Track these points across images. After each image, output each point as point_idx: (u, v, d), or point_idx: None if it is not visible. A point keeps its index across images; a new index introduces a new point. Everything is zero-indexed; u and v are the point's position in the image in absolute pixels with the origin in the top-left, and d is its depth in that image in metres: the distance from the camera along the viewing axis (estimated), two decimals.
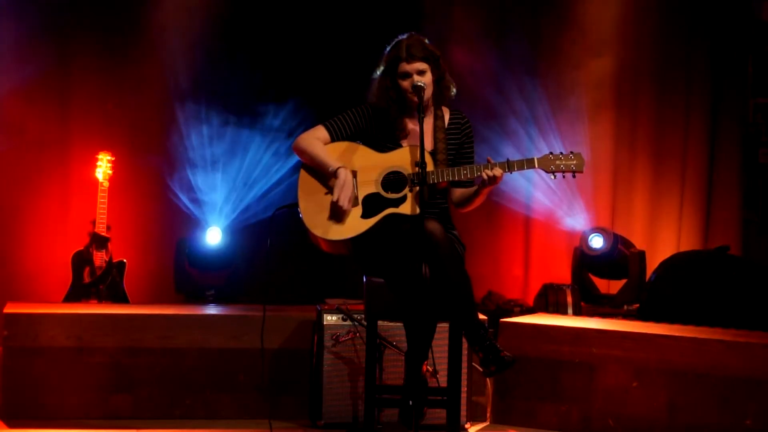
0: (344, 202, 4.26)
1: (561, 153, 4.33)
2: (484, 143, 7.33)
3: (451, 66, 4.60)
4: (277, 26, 7.53)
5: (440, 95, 4.41)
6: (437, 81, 4.38)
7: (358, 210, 4.30)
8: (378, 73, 4.42)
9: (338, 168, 4.29)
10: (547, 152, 4.34)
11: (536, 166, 4.30)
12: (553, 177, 4.33)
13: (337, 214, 4.29)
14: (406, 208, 4.26)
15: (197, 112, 7.43)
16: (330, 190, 4.32)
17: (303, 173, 4.41)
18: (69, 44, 7.22)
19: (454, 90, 4.46)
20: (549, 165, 4.30)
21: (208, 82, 7.47)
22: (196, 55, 7.43)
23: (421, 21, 7.54)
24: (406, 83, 4.32)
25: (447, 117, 4.47)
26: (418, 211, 4.19)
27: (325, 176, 4.35)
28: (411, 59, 4.32)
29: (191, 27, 7.41)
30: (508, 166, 4.27)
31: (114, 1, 7.32)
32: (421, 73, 4.32)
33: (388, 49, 4.41)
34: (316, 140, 4.38)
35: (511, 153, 7.38)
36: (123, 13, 7.31)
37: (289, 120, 7.36)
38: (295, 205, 4.37)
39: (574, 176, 4.33)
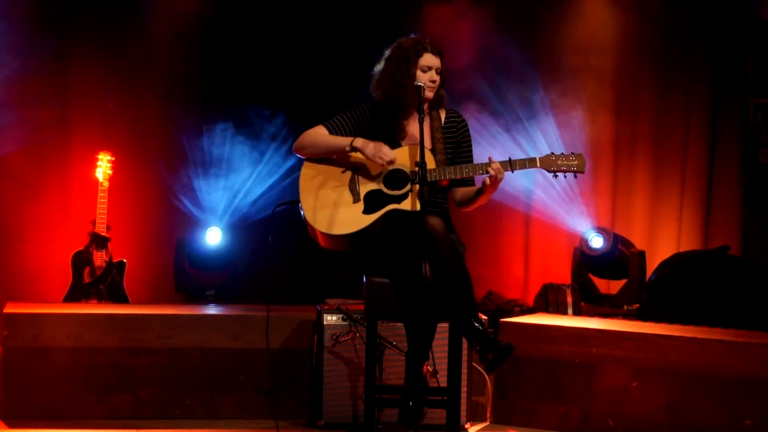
0: (386, 157, 4.23)
1: (562, 153, 4.36)
2: (483, 143, 7.34)
3: (451, 67, 4.60)
4: (280, 33, 7.55)
5: (437, 98, 4.42)
6: (441, 83, 4.40)
7: (360, 206, 4.30)
8: (387, 62, 4.39)
9: (353, 140, 4.29)
10: (549, 152, 4.37)
11: (538, 165, 4.32)
12: (554, 177, 4.35)
13: (340, 208, 4.29)
14: (407, 204, 4.26)
15: (197, 112, 7.44)
16: (335, 180, 4.32)
17: (304, 170, 4.41)
18: (69, 44, 7.23)
19: (446, 96, 4.49)
20: (550, 165, 4.33)
21: (207, 82, 7.48)
22: (195, 56, 7.45)
23: (421, 23, 7.57)
24: (425, 76, 4.33)
25: (443, 117, 4.47)
26: (419, 207, 4.19)
27: (328, 171, 4.35)
28: (435, 53, 4.35)
29: (192, 30, 7.43)
30: (510, 164, 4.29)
31: (114, 1, 7.33)
32: (437, 70, 4.35)
33: (398, 43, 4.40)
34: (320, 135, 4.39)
35: (510, 153, 7.37)
36: (124, 14, 7.33)
37: (290, 120, 7.37)
38: (296, 201, 4.38)
39: (575, 176, 4.37)
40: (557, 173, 4.33)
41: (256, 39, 7.51)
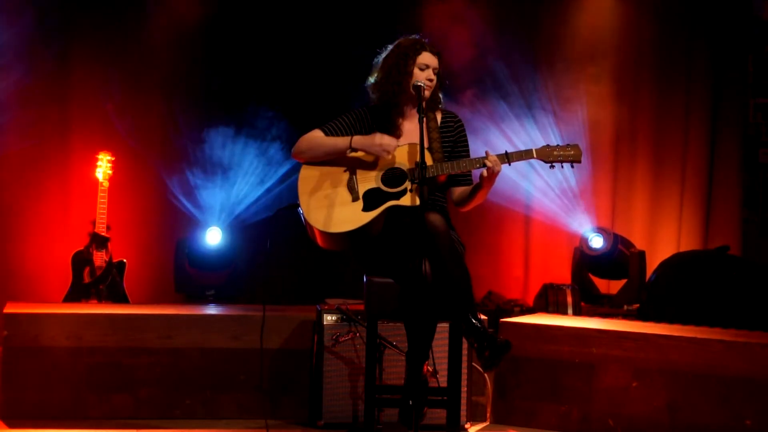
0: (389, 147, 4.25)
1: (558, 144, 4.37)
2: (482, 141, 7.34)
3: (451, 65, 4.61)
4: (279, 34, 7.56)
5: (433, 100, 4.43)
6: (438, 84, 4.41)
7: (359, 204, 4.31)
8: (385, 60, 4.40)
9: (351, 140, 4.30)
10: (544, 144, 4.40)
11: (534, 156, 4.33)
12: (551, 167, 4.37)
13: (339, 207, 4.29)
14: (406, 201, 4.27)
15: (198, 113, 7.44)
16: (333, 180, 4.32)
17: (303, 172, 4.41)
18: (69, 45, 7.24)
19: (442, 98, 4.50)
20: (547, 156, 4.35)
21: (208, 83, 7.48)
22: (195, 57, 7.46)
23: (421, 21, 7.57)
24: (422, 75, 4.34)
25: (439, 118, 4.49)
26: (418, 202, 4.19)
27: (326, 172, 4.35)
28: (433, 53, 4.37)
29: (192, 31, 7.44)
30: (507, 156, 4.30)
31: (114, 2, 7.33)
32: (434, 70, 4.35)
33: (397, 43, 4.42)
34: (318, 138, 4.39)
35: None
36: (123, 14, 7.33)
37: (289, 121, 7.37)
38: (296, 206, 4.38)
39: (572, 166, 4.38)
40: (554, 164, 4.35)
41: (256, 40, 7.52)
